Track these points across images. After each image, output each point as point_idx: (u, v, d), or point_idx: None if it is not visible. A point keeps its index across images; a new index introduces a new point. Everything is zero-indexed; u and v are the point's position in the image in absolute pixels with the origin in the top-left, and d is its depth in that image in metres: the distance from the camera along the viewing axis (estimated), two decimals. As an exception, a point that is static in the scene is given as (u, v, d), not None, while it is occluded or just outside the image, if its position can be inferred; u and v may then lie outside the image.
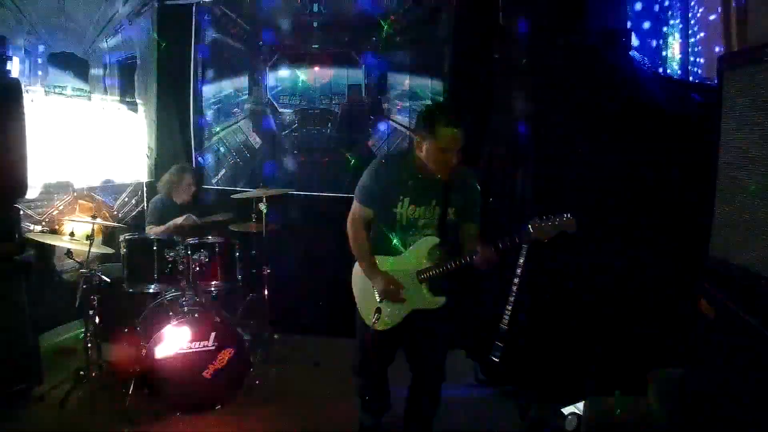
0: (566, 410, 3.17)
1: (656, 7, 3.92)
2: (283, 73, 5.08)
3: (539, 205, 3.95)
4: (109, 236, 4.60)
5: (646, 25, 3.94)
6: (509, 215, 4.25)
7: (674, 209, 3.43)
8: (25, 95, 3.48)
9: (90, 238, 3.38)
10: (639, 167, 3.66)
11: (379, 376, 3.04)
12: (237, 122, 5.24)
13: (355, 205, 2.80)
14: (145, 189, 5.22)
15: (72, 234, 3.48)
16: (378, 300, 2.70)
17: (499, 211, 4.34)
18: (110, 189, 4.95)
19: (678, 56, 3.79)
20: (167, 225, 4.20)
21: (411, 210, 2.68)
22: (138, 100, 5.20)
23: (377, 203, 2.74)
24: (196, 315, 3.51)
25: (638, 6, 3.94)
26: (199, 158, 5.32)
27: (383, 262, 2.76)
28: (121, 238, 3.75)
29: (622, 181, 3.74)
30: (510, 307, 3.65)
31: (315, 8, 4.91)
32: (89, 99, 4.66)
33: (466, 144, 2.62)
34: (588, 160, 3.86)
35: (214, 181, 5.31)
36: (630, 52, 3.80)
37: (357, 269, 2.89)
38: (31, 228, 4.06)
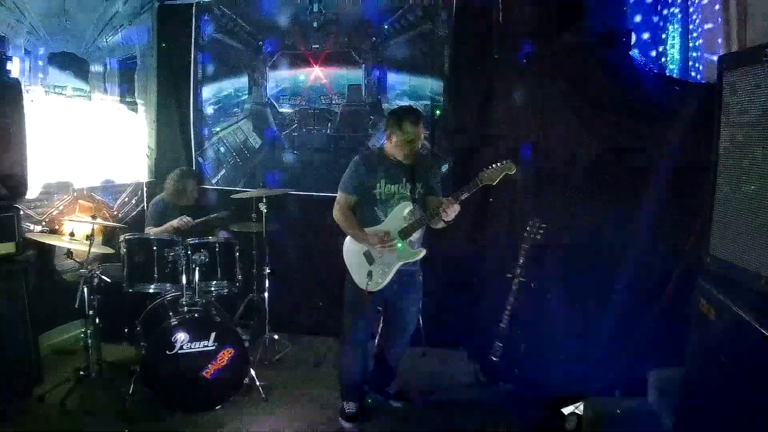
0: (566, 410, 3.17)
1: (656, 8, 3.91)
2: (283, 73, 5.07)
3: (539, 204, 3.96)
4: (109, 236, 4.60)
5: (646, 25, 3.94)
6: (509, 214, 4.26)
7: (674, 208, 3.43)
8: (25, 95, 3.49)
9: (90, 238, 3.38)
10: (639, 167, 3.66)
11: (364, 344, 3.43)
12: (237, 122, 5.24)
13: (341, 195, 3.34)
14: (145, 189, 5.21)
15: (72, 234, 3.47)
16: (368, 265, 3.23)
17: (500, 210, 4.34)
18: (110, 189, 4.94)
19: (678, 56, 3.79)
20: (164, 227, 4.20)
21: (388, 188, 3.27)
22: (138, 100, 5.20)
23: (359, 190, 3.29)
24: (196, 315, 3.51)
25: (639, 7, 3.93)
26: (199, 158, 5.32)
27: (371, 231, 3.27)
28: (121, 238, 3.75)
29: (623, 180, 3.74)
30: (510, 308, 3.68)
31: (315, 8, 4.91)
32: (89, 99, 4.65)
33: (467, 143, 2.69)
34: (588, 160, 3.86)
35: (214, 181, 5.30)
36: (630, 52, 3.80)
37: (347, 245, 3.37)
38: (31, 228, 4.05)
